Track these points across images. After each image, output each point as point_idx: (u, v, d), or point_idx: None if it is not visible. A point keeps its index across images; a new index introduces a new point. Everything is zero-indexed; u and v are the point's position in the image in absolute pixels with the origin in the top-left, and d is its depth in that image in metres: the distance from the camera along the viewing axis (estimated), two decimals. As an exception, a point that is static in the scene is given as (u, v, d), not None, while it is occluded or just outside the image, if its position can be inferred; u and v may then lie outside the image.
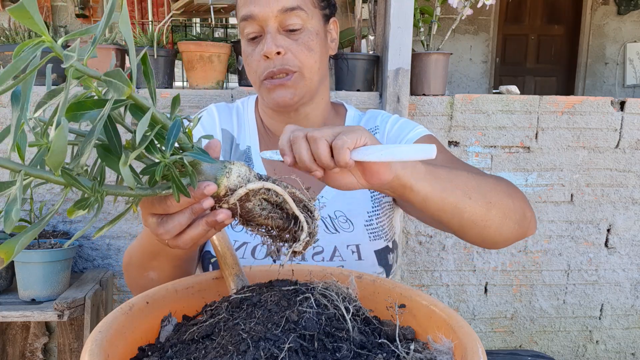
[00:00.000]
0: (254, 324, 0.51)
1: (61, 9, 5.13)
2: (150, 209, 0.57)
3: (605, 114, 2.00)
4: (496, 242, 0.80)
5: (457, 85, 6.04)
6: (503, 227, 0.77)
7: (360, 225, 0.93)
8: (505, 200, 0.77)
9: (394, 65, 1.84)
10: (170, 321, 0.61)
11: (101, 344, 0.50)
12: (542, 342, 2.18)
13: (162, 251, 0.73)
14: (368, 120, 1.03)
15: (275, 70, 0.87)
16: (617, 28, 6.04)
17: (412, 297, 0.62)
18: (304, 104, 0.95)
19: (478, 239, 0.80)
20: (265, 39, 0.87)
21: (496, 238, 0.79)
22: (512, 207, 0.78)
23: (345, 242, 0.91)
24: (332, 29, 0.98)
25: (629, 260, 2.13)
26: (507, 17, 6.29)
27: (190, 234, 0.57)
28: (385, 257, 0.94)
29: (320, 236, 0.90)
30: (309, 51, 0.90)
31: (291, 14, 0.87)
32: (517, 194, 0.81)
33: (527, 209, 0.82)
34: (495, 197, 0.75)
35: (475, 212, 0.73)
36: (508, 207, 0.77)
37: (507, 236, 0.79)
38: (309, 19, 0.89)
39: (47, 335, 1.94)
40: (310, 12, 0.90)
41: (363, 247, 0.92)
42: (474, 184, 0.74)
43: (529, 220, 0.82)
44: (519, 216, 0.79)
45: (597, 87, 6.14)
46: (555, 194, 2.05)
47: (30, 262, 1.56)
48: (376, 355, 0.49)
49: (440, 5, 1.93)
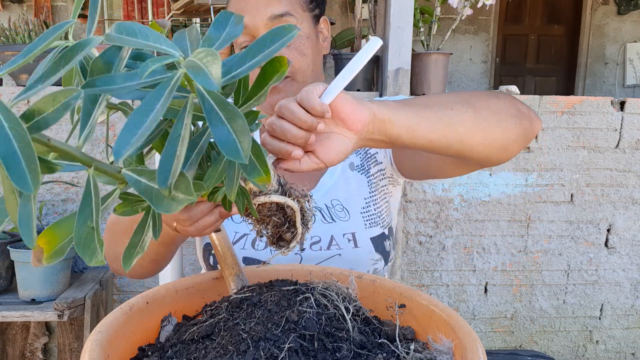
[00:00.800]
0: (254, 324, 0.51)
1: (61, 9, 5.13)
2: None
3: (605, 114, 2.00)
4: (506, 147, 0.75)
5: (457, 85, 6.04)
6: (503, 125, 0.73)
7: (356, 213, 0.94)
8: (490, 100, 0.74)
9: (394, 65, 1.84)
10: (170, 321, 0.61)
11: (101, 344, 0.50)
12: (542, 342, 2.18)
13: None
14: None
15: None
16: (617, 28, 6.04)
17: (412, 297, 0.62)
18: None
19: (488, 149, 0.74)
20: None
21: (504, 140, 0.74)
22: (500, 104, 0.74)
23: (342, 230, 0.92)
24: (323, 27, 0.98)
25: (629, 260, 2.13)
26: (507, 17, 6.29)
27: (205, 222, 0.59)
28: (382, 244, 0.95)
29: (317, 226, 0.92)
30: (301, 56, 0.90)
31: (280, 21, 0.87)
32: (499, 95, 0.77)
33: (517, 103, 0.78)
34: (478, 101, 0.73)
35: (465, 119, 0.69)
36: (496, 105, 0.74)
37: (514, 134, 0.74)
38: (299, 23, 0.89)
39: (47, 335, 1.94)
40: (300, 16, 0.90)
41: (359, 234, 0.93)
42: (451, 98, 0.72)
43: (525, 113, 0.77)
44: (514, 110, 0.75)
45: (597, 87, 6.14)
46: (555, 194, 2.05)
47: (30, 262, 1.56)
48: (376, 355, 0.49)
49: (440, 5, 1.93)
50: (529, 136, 0.78)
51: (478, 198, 2.03)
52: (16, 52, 1.77)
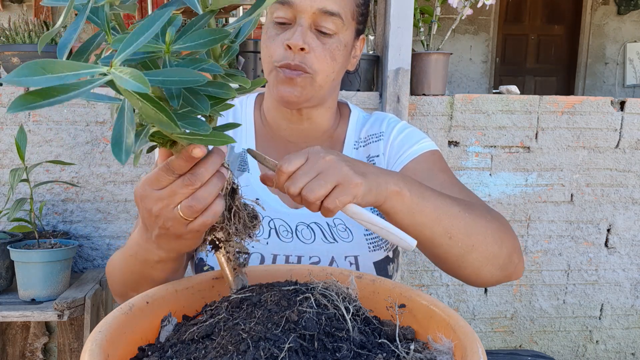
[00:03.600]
0: (254, 324, 0.51)
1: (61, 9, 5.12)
2: (183, 168, 0.55)
3: (605, 114, 2.00)
4: (473, 283, 0.79)
5: (457, 85, 6.04)
6: (482, 271, 0.76)
7: (359, 235, 0.91)
8: (490, 247, 0.75)
9: (394, 65, 1.84)
10: (170, 321, 0.61)
11: (101, 344, 0.50)
12: (542, 342, 2.18)
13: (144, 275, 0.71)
14: (373, 124, 1.00)
15: (292, 64, 0.84)
16: (617, 28, 6.05)
17: (412, 297, 0.62)
18: (308, 107, 0.93)
19: (452, 274, 0.79)
20: (294, 29, 0.84)
21: (472, 279, 0.78)
22: (497, 253, 0.76)
23: (343, 252, 0.89)
24: (358, 46, 0.96)
25: (629, 260, 2.13)
26: (507, 17, 6.29)
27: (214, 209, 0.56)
28: (384, 268, 0.92)
29: (317, 245, 0.89)
30: (332, 60, 0.87)
31: (328, 18, 0.84)
32: (508, 238, 0.78)
33: (514, 254, 0.79)
34: (481, 241, 0.73)
35: (452, 252, 0.72)
36: (492, 253, 0.75)
37: (486, 279, 0.78)
38: (344, 29, 0.87)
39: (47, 335, 1.94)
40: (347, 23, 0.87)
41: (362, 258, 0.89)
42: (461, 225, 0.72)
43: (515, 265, 0.80)
44: (504, 262, 0.77)
45: (597, 87, 6.14)
46: (555, 194, 2.05)
47: (30, 262, 1.56)
48: (376, 355, 0.49)
49: (440, 5, 1.93)
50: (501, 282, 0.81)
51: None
52: (16, 52, 1.76)
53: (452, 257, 0.74)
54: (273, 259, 0.88)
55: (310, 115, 0.95)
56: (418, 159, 0.93)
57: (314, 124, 0.96)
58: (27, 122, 1.81)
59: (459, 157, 2.00)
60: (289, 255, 0.88)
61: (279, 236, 0.90)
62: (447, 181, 0.89)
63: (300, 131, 0.97)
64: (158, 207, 0.56)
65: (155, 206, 0.56)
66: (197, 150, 0.51)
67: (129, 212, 1.90)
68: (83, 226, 1.89)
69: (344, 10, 0.86)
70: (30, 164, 1.76)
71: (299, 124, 0.96)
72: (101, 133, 1.84)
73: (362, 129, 1.00)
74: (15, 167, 1.59)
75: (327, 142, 0.99)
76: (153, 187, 0.56)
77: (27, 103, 0.34)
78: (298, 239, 0.90)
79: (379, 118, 1.01)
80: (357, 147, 0.99)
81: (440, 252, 0.73)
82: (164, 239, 0.61)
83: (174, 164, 0.53)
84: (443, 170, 0.91)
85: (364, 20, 0.94)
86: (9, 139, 1.80)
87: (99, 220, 1.89)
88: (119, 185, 1.88)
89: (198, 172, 0.54)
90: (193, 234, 0.59)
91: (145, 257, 0.67)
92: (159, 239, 0.61)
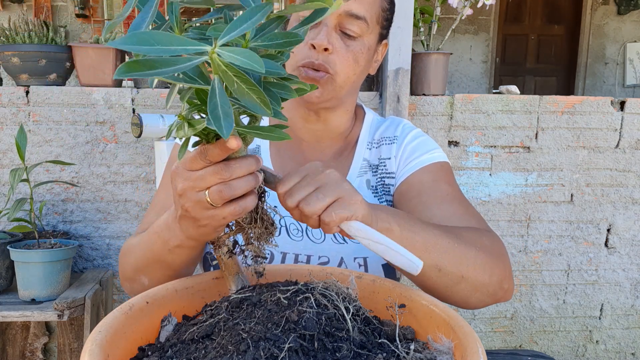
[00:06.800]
0: (254, 324, 0.51)
1: (61, 9, 5.13)
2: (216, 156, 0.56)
3: (605, 114, 2.00)
4: (461, 307, 0.80)
5: (457, 85, 6.04)
6: (470, 299, 0.76)
7: None
8: (480, 276, 0.74)
9: (394, 65, 1.84)
10: (170, 321, 0.61)
11: (101, 344, 0.50)
12: (542, 342, 2.18)
13: (160, 259, 0.73)
14: (388, 127, 1.01)
15: (315, 63, 0.85)
16: (617, 28, 6.04)
17: (412, 297, 0.62)
18: (326, 108, 0.93)
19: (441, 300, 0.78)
20: (319, 29, 0.85)
21: (460, 305, 0.78)
22: (487, 282, 0.75)
23: (353, 253, 0.89)
24: (380, 50, 0.97)
25: (629, 260, 2.13)
26: (507, 17, 6.29)
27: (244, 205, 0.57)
28: (393, 271, 0.92)
29: (327, 245, 0.89)
30: (354, 62, 0.88)
31: (354, 21, 0.85)
32: (498, 266, 0.77)
33: (505, 281, 0.79)
34: (470, 272, 0.73)
35: (441, 282, 0.72)
36: (481, 282, 0.75)
37: (474, 305, 0.78)
38: (368, 32, 0.88)
39: (47, 335, 1.94)
40: (372, 27, 0.88)
41: (371, 260, 0.89)
42: (450, 257, 0.71)
43: (505, 290, 0.79)
44: (493, 289, 0.77)
45: (597, 87, 6.14)
46: (555, 194, 2.05)
47: (30, 262, 1.56)
48: (376, 355, 0.49)
49: (440, 5, 1.93)
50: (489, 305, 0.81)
51: (478, 198, 2.03)
52: (16, 52, 1.76)
53: (440, 287, 0.73)
54: (282, 257, 0.89)
55: (327, 117, 0.96)
56: (426, 169, 0.93)
57: (329, 125, 0.97)
58: (27, 122, 1.81)
59: (459, 157, 2.00)
60: (299, 254, 0.89)
61: (289, 234, 0.91)
62: (450, 195, 0.89)
63: (314, 131, 0.98)
64: (183, 187, 0.58)
65: (181, 185, 0.58)
66: (232, 141, 0.51)
67: (129, 212, 1.90)
68: (83, 226, 1.89)
69: (369, 14, 0.87)
70: (30, 164, 1.76)
71: (314, 124, 0.97)
72: (101, 133, 1.84)
73: (376, 131, 1.01)
74: (16, 167, 1.59)
75: (341, 143, 1.00)
76: (186, 167, 0.58)
77: (130, 71, 0.36)
78: (308, 238, 0.90)
79: (395, 122, 1.03)
80: (370, 148, 1.00)
81: (429, 284, 0.73)
82: (184, 221, 0.62)
83: (209, 150, 0.55)
84: (449, 183, 0.92)
85: (388, 25, 0.94)
86: (9, 139, 1.80)
87: (99, 220, 1.89)
88: (119, 185, 1.88)
89: (231, 165, 0.55)
90: (217, 221, 0.59)
91: (167, 238, 0.69)
92: (181, 220, 0.63)
